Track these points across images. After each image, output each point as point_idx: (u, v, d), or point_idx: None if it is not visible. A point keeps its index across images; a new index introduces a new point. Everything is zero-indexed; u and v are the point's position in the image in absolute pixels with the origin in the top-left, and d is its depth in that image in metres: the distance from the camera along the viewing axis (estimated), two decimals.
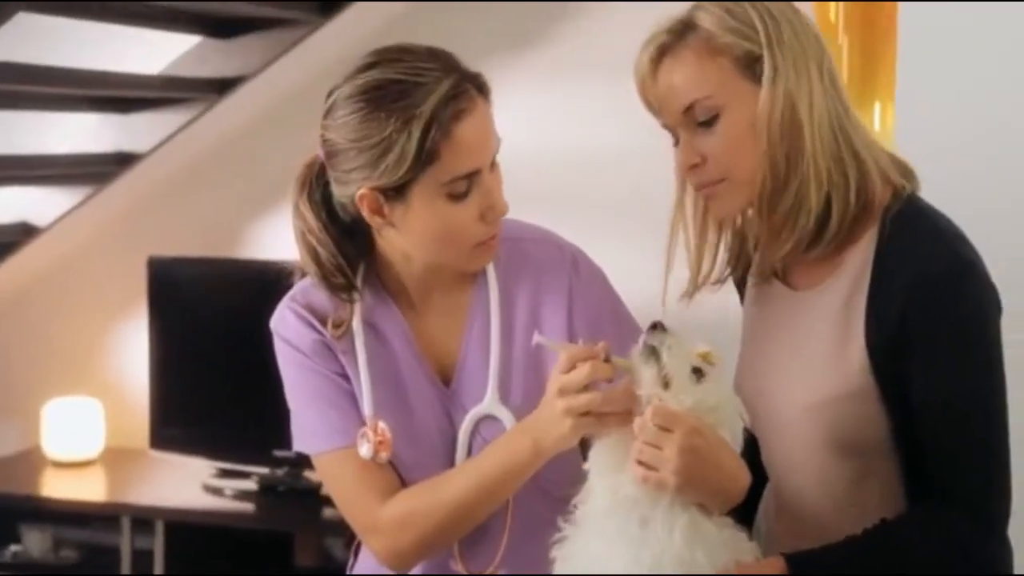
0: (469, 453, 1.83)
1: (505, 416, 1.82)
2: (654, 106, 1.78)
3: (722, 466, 1.64)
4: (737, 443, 1.70)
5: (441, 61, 1.73)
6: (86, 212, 3.88)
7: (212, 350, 3.68)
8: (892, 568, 1.67)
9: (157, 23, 3.52)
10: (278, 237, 3.82)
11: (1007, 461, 1.70)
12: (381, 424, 1.81)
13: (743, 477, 1.68)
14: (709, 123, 1.73)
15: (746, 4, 1.72)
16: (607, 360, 1.66)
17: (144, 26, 3.51)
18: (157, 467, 3.77)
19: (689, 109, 1.73)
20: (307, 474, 3.53)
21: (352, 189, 1.74)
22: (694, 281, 1.86)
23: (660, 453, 1.60)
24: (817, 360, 1.76)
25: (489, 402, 1.83)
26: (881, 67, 3.00)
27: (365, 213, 1.75)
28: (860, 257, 1.74)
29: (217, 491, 3.59)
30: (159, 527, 3.53)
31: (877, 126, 3.11)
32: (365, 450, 1.80)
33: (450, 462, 1.84)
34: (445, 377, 1.87)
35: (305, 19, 3.53)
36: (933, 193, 1.79)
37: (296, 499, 3.55)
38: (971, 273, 1.69)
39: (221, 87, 3.66)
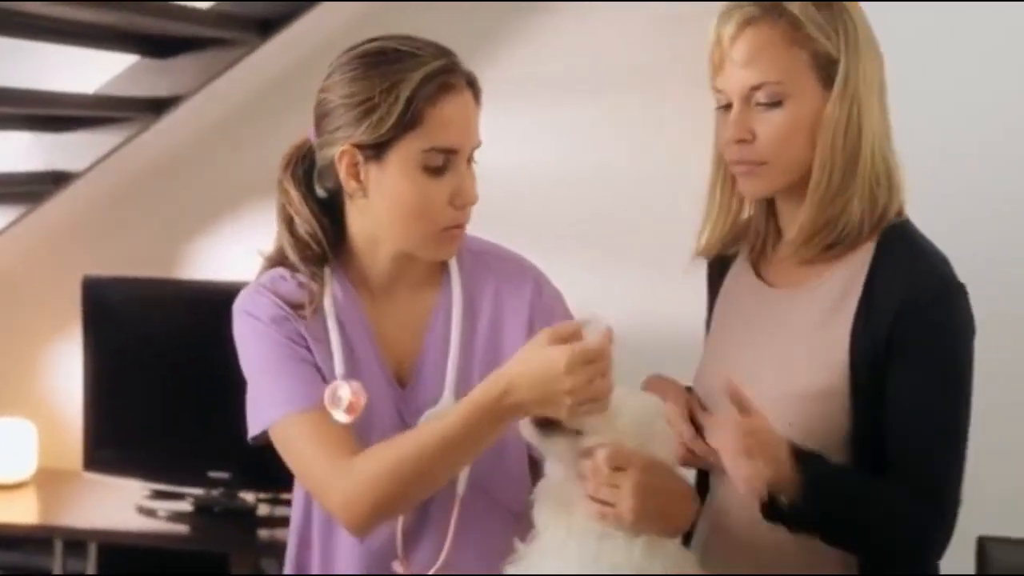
0: None
1: None
2: (718, 69, 1.80)
3: (672, 495, 1.70)
4: (671, 450, 1.75)
5: (439, 48, 1.81)
6: (20, 231, 3.85)
7: (147, 371, 3.65)
8: (865, 511, 1.71)
9: (92, 42, 3.51)
10: (214, 258, 3.83)
11: (964, 461, 1.76)
12: (356, 383, 1.80)
13: (691, 502, 1.73)
14: (769, 106, 1.76)
15: (833, 4, 1.76)
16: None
17: (79, 45, 3.50)
18: (90, 489, 3.73)
19: (755, 88, 1.76)
20: (242, 495, 3.52)
21: (335, 150, 1.78)
22: (715, 244, 1.91)
23: (616, 491, 1.65)
24: (791, 358, 1.80)
25: (444, 404, 1.83)
26: None
27: (342, 175, 1.79)
28: (854, 266, 1.79)
29: (151, 512, 3.55)
30: (92, 550, 3.50)
31: None
32: (345, 396, 1.78)
33: None
34: (401, 377, 1.88)
35: (242, 40, 3.52)
36: None
37: (231, 520, 3.52)
38: (958, 297, 1.76)
39: (157, 107, 3.64)
